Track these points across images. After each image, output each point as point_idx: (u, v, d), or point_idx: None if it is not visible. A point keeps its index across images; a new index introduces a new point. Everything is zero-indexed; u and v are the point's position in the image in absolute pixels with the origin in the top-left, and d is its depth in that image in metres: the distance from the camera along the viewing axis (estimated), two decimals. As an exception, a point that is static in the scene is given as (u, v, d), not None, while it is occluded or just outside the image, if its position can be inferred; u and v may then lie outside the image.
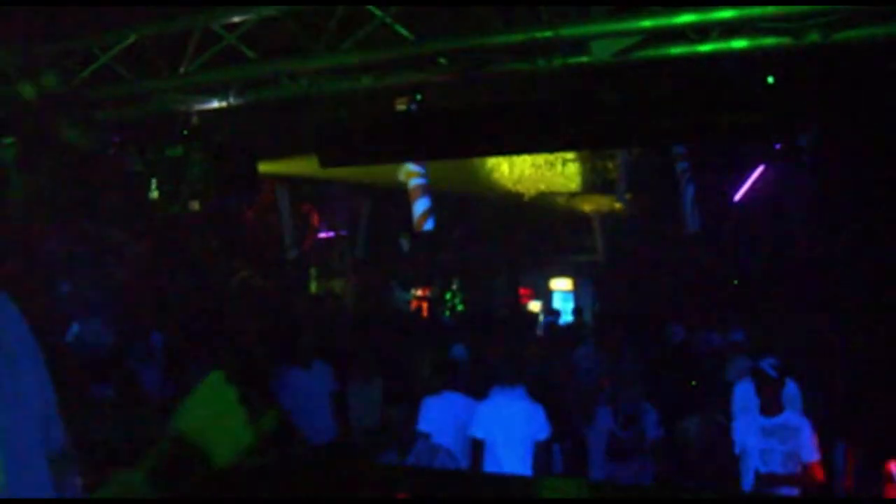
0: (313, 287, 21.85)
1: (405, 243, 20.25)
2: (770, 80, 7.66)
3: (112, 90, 9.07)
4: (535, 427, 7.77)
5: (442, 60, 8.10)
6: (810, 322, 14.23)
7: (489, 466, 7.79)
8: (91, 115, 9.67)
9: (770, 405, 7.52)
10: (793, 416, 7.57)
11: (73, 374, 9.82)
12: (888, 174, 14.32)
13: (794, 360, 9.94)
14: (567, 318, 18.54)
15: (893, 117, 11.83)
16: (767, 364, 7.72)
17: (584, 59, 7.42)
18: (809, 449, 7.31)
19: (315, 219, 21.55)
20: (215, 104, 9.27)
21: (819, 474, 7.25)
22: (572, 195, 21.38)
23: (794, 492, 7.20)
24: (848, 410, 9.52)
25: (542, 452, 7.75)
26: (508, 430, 7.76)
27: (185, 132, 9.55)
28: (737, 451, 7.61)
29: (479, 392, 8.41)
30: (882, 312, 13.30)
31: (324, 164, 9.02)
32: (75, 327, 11.62)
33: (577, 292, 24.43)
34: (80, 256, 13.53)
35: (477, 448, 7.85)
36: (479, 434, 7.83)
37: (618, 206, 20.03)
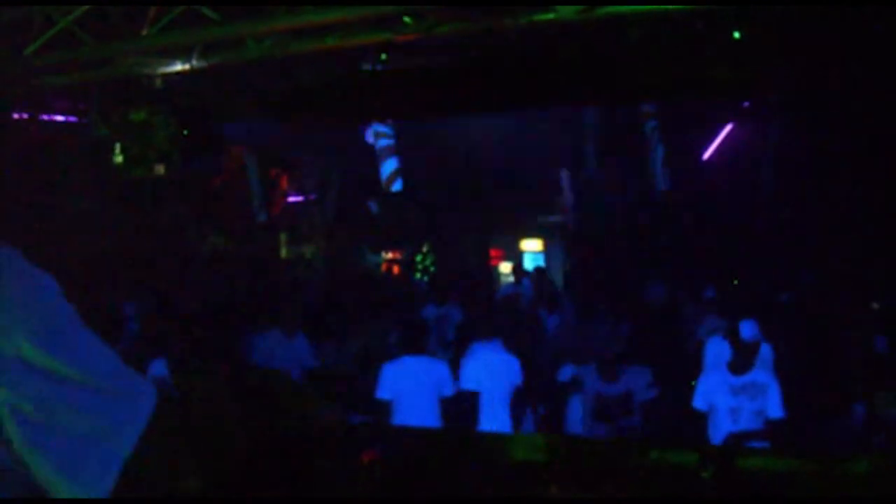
0: (284, 252, 21.76)
1: (374, 206, 20.16)
2: (736, 35, 7.66)
3: (73, 55, 8.95)
4: (514, 375, 8.00)
5: (406, 19, 8.04)
6: (780, 279, 14.32)
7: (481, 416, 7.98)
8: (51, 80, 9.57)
9: (741, 364, 7.57)
10: (761, 374, 7.62)
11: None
12: (856, 130, 14.38)
13: (764, 318, 10.01)
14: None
15: (859, 72, 11.85)
16: (746, 325, 7.76)
17: (550, 16, 7.38)
18: (776, 406, 7.39)
19: (284, 183, 21.43)
20: (178, 67, 9.18)
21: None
22: (542, 156, 21.33)
23: (765, 446, 7.26)
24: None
25: (518, 398, 7.98)
26: (495, 379, 7.97)
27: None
28: (704, 407, 7.66)
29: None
30: (853, 268, 13.40)
31: (290, 126, 8.96)
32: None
33: (547, 253, 24.47)
34: (45, 228, 13.42)
35: (473, 399, 8.03)
36: (471, 386, 8.01)
37: (587, 165, 20.02)
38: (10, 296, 1.62)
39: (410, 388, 8.14)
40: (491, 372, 8.08)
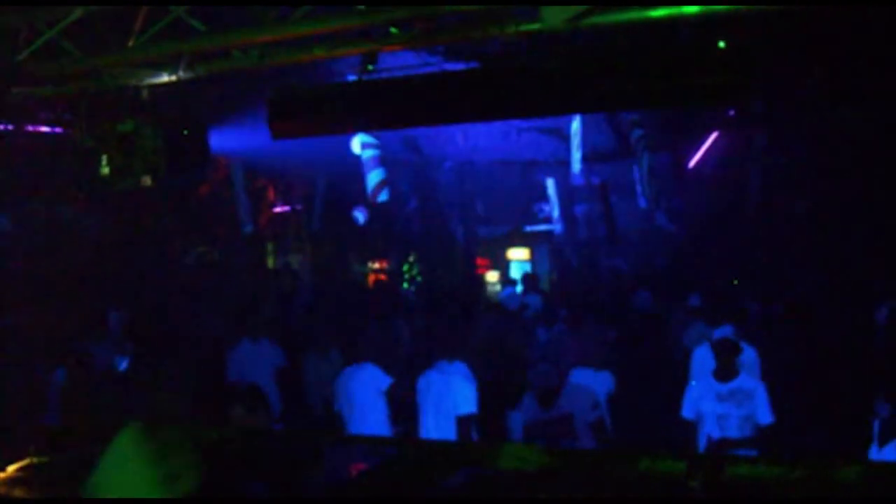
0: (270, 262, 21.73)
1: (360, 216, 20.14)
2: (721, 44, 7.68)
3: (59, 66, 8.92)
4: (457, 401, 7.93)
5: (393, 30, 8.04)
6: (768, 286, 14.37)
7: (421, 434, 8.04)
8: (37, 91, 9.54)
9: (725, 371, 7.60)
10: (747, 380, 7.67)
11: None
12: (841, 137, 14.45)
13: (750, 324, 10.05)
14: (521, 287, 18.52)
15: (844, 81, 11.91)
16: (725, 332, 7.79)
17: (536, 25, 7.39)
18: (765, 411, 7.42)
19: (270, 194, 21.39)
20: (165, 78, 9.16)
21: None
22: (527, 164, 21.39)
23: (753, 453, 7.28)
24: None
25: (463, 427, 7.90)
26: (436, 401, 7.97)
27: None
28: (691, 416, 7.68)
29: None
30: (840, 276, 13.46)
31: (276, 136, 8.94)
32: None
33: (533, 262, 24.50)
34: (31, 236, 13.39)
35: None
36: (416, 399, 8.12)
37: (573, 173, 20.03)
38: None
39: (349, 396, 8.66)
40: (429, 395, 8.18)
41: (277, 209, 21.82)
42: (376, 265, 23.09)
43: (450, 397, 7.98)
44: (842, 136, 14.40)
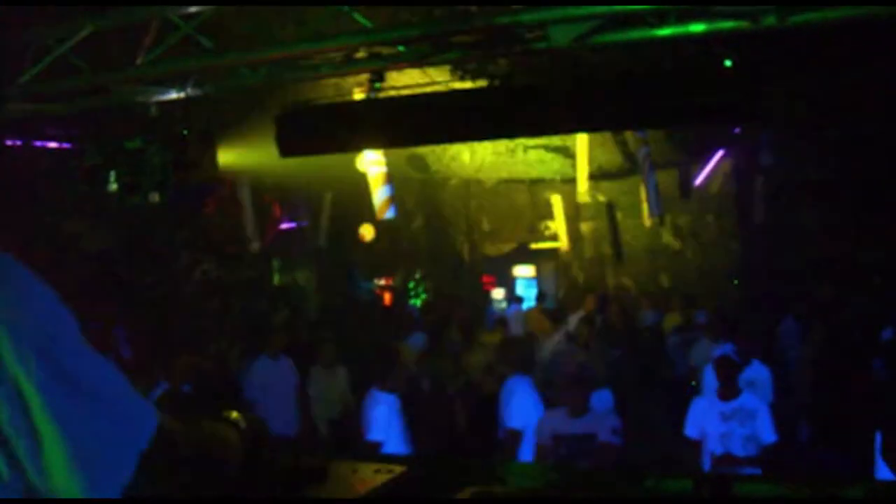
0: (276, 279, 21.71)
1: (367, 232, 20.16)
2: (728, 63, 7.71)
3: (68, 82, 8.97)
4: (539, 410, 8.09)
5: (401, 48, 8.08)
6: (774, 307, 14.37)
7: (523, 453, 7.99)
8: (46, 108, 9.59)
9: (727, 389, 7.60)
10: (750, 399, 7.65)
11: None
12: (846, 155, 14.47)
13: (757, 343, 10.04)
14: (530, 304, 18.56)
15: (850, 98, 11.92)
16: (725, 350, 7.79)
17: (543, 44, 7.42)
18: (768, 431, 7.41)
19: (277, 210, 21.39)
20: (174, 95, 9.20)
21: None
22: (533, 182, 21.41)
23: (756, 472, 7.27)
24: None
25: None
26: (534, 416, 7.99)
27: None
28: (696, 435, 7.66)
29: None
30: (846, 293, 13.44)
31: (284, 154, 8.98)
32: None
33: (539, 279, 24.46)
34: (38, 251, 13.38)
35: (515, 439, 8.07)
36: (517, 425, 7.99)
37: (580, 191, 20.02)
38: (15, 304, 1.60)
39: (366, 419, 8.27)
40: (534, 409, 8.16)
41: (284, 226, 21.81)
42: (382, 282, 23.06)
43: (537, 408, 8.13)
44: (847, 154, 14.42)
